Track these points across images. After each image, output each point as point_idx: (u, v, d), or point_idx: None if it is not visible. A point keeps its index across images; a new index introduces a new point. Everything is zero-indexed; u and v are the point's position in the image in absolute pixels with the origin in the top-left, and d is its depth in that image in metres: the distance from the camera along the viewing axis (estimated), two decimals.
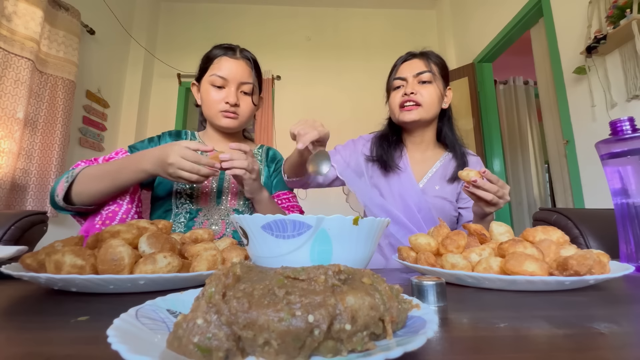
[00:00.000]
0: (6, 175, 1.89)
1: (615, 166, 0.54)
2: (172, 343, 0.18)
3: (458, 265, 0.40)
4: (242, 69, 0.87)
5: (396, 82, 0.94)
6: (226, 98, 0.85)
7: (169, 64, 3.38)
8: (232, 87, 0.86)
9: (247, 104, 0.89)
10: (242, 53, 0.90)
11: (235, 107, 0.87)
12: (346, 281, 0.21)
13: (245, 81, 0.87)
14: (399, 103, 0.92)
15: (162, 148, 0.67)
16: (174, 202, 0.83)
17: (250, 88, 0.88)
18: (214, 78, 0.85)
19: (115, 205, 0.73)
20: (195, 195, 0.85)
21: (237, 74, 0.86)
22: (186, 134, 0.95)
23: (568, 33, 2.00)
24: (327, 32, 3.66)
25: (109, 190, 0.70)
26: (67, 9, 2.35)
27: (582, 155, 1.91)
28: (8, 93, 1.92)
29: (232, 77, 0.85)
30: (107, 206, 0.74)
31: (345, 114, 3.42)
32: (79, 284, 0.33)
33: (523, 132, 3.51)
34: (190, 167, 0.64)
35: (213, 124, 0.90)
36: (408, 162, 0.96)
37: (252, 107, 0.90)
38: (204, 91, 0.88)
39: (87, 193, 0.70)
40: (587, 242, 0.92)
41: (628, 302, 0.33)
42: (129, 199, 0.75)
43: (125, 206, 0.73)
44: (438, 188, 0.93)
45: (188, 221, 0.82)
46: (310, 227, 0.36)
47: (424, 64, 0.93)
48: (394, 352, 0.16)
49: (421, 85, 0.91)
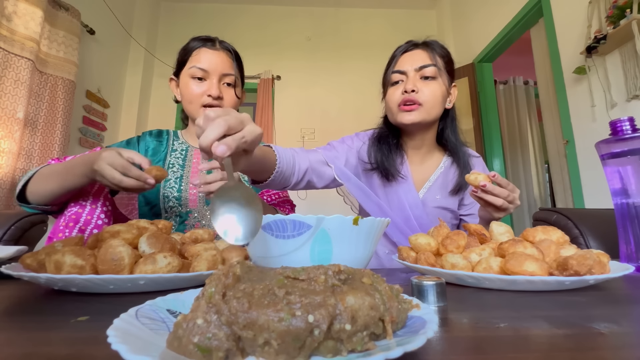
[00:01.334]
0: (6, 175, 1.89)
1: (615, 166, 0.54)
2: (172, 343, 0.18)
3: (458, 265, 0.40)
4: (222, 60, 0.83)
5: (395, 76, 0.82)
6: (208, 91, 0.80)
7: (169, 64, 3.37)
8: (213, 79, 0.81)
9: (231, 97, 0.84)
10: (222, 44, 0.86)
11: (219, 100, 0.82)
12: (346, 281, 0.21)
13: (227, 72, 0.83)
14: (397, 102, 0.80)
15: (97, 152, 0.62)
16: (162, 206, 0.81)
17: (232, 79, 0.84)
18: (193, 70, 0.81)
19: (78, 207, 0.69)
20: (184, 198, 0.82)
21: (218, 65, 0.82)
22: (168, 133, 0.92)
23: (568, 33, 2.00)
24: (327, 33, 3.66)
25: (58, 191, 0.66)
26: (67, 9, 2.35)
27: (582, 155, 1.91)
28: (8, 93, 1.92)
29: (213, 69, 0.81)
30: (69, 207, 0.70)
31: (346, 113, 3.43)
32: (79, 284, 0.33)
33: (523, 132, 3.51)
34: (110, 175, 0.58)
35: (195, 119, 0.84)
36: (409, 170, 0.86)
37: (236, 100, 0.86)
38: (183, 85, 0.83)
39: (38, 192, 0.67)
40: (587, 242, 0.92)
41: (628, 302, 0.33)
42: (92, 200, 0.70)
43: (89, 207, 0.69)
44: (439, 198, 0.85)
45: (179, 225, 0.80)
46: (310, 227, 0.36)
47: (428, 56, 0.80)
48: (394, 352, 0.16)
49: (423, 81, 0.79)
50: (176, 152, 0.88)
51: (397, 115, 0.81)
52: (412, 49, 0.83)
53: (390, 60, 0.85)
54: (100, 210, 0.70)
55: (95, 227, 0.68)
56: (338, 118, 3.42)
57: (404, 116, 0.80)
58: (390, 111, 0.84)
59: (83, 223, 0.68)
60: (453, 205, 0.87)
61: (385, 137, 0.88)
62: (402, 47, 0.85)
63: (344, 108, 3.46)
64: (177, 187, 0.82)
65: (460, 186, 0.84)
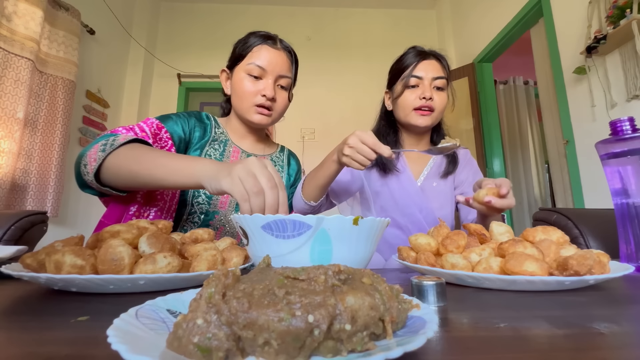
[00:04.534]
0: (6, 175, 1.89)
1: (615, 166, 0.54)
2: (172, 343, 0.18)
3: (458, 265, 0.40)
4: (282, 60, 0.80)
5: (412, 80, 0.89)
6: (263, 90, 0.78)
7: (169, 64, 3.38)
8: (269, 79, 0.78)
9: (283, 100, 0.82)
10: (282, 43, 0.82)
11: (272, 102, 0.80)
12: (346, 281, 0.21)
13: (284, 74, 0.80)
14: (413, 105, 0.88)
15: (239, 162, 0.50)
16: (190, 200, 0.76)
17: (288, 82, 0.82)
18: (251, 67, 0.77)
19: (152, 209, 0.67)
20: (214, 197, 0.77)
21: (277, 65, 0.78)
22: (209, 118, 0.86)
23: (568, 33, 2.00)
24: (327, 32, 3.66)
25: (148, 184, 0.57)
26: (67, 9, 2.35)
27: (582, 155, 1.91)
28: (8, 93, 1.92)
29: (271, 69, 0.78)
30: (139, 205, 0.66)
31: (346, 113, 3.43)
32: (79, 284, 0.33)
33: (523, 132, 3.51)
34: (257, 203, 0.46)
35: (243, 117, 0.81)
36: (406, 163, 0.96)
37: (287, 103, 0.84)
38: (237, 80, 0.79)
39: (124, 175, 0.57)
40: (587, 242, 0.92)
41: (628, 302, 0.33)
42: (161, 205, 0.69)
43: (153, 213, 0.68)
44: (435, 185, 0.94)
45: (201, 223, 0.76)
46: (310, 227, 0.36)
47: (442, 68, 0.90)
48: (394, 352, 0.16)
49: (435, 90, 0.89)
50: (215, 143, 0.82)
51: (412, 117, 0.90)
52: (429, 58, 0.91)
53: (406, 63, 0.91)
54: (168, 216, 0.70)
55: None
56: (338, 118, 3.43)
57: (418, 119, 0.89)
58: (404, 111, 0.91)
59: None
60: (449, 189, 0.96)
61: (384, 134, 0.97)
62: (418, 53, 0.91)
63: (344, 108, 3.46)
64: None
65: (448, 171, 0.95)
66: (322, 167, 0.73)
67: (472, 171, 0.98)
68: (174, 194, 0.74)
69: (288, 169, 0.93)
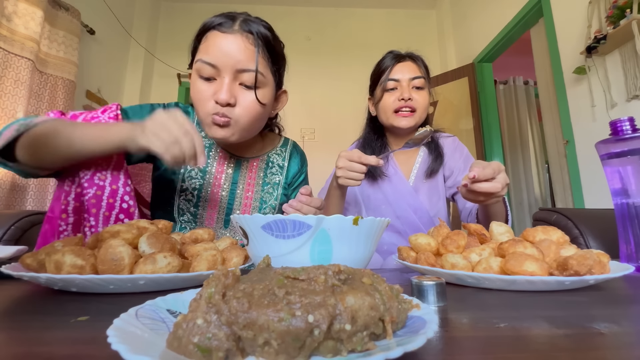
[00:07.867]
0: (6, 175, 1.89)
1: (615, 166, 0.54)
2: (172, 343, 0.18)
3: (458, 265, 0.40)
4: (239, 48, 0.59)
5: (390, 84, 0.91)
6: (215, 94, 0.59)
7: (169, 64, 3.37)
8: (225, 78, 0.59)
9: (248, 103, 0.61)
10: (244, 25, 0.61)
11: (228, 108, 0.60)
12: (346, 281, 0.21)
13: (244, 68, 0.59)
14: (393, 107, 0.90)
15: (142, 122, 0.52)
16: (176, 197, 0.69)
17: (250, 78, 0.60)
18: (199, 65, 0.60)
19: (95, 187, 0.56)
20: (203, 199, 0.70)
21: (230, 57, 0.59)
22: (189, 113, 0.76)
23: (568, 33, 2.00)
24: (327, 32, 3.66)
25: (71, 156, 0.53)
26: (67, 9, 2.35)
27: (582, 155, 1.91)
28: (8, 93, 1.92)
29: (223, 63, 0.59)
30: (82, 183, 0.56)
31: (346, 113, 3.42)
32: (79, 284, 0.33)
33: (523, 132, 3.51)
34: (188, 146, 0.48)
35: (205, 132, 0.65)
36: (397, 165, 0.97)
37: (257, 107, 0.62)
38: (191, 85, 0.63)
39: (39, 152, 0.52)
40: (587, 242, 0.92)
41: (628, 302, 0.33)
42: (111, 177, 0.58)
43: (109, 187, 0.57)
44: (425, 182, 0.95)
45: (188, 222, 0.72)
46: (310, 227, 0.36)
47: (418, 68, 0.91)
48: (394, 352, 0.16)
49: (415, 90, 0.90)
50: None
51: (393, 120, 0.91)
52: (404, 60, 0.93)
53: (383, 68, 0.94)
54: (124, 192, 0.58)
55: (120, 211, 0.58)
56: (338, 118, 3.42)
57: (400, 121, 0.90)
58: (385, 114, 0.93)
59: (106, 208, 0.56)
60: (440, 184, 0.96)
61: (370, 140, 0.98)
62: (393, 57, 0.94)
63: (344, 108, 3.46)
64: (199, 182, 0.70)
65: (432, 169, 0.94)
66: (329, 197, 0.80)
67: (462, 158, 0.96)
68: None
69: (287, 169, 0.84)
